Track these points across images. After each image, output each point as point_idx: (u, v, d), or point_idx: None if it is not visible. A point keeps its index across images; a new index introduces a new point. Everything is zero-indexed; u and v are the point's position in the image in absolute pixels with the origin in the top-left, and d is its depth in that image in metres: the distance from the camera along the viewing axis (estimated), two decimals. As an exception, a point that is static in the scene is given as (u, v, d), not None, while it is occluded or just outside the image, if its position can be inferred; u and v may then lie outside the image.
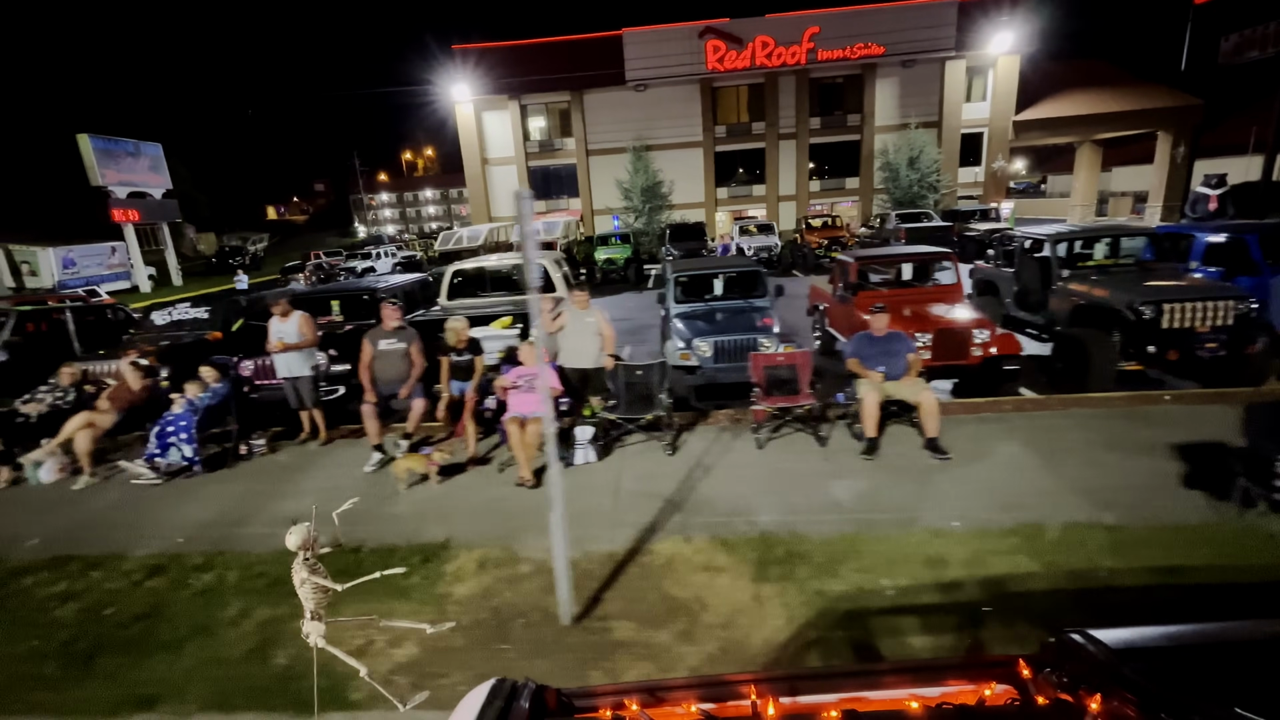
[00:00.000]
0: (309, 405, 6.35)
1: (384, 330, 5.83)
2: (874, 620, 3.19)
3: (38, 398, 6.31)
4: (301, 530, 2.08)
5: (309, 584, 2.07)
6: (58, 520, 4.98)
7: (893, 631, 3.12)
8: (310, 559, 2.08)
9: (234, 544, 4.40)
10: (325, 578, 2.06)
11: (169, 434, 5.67)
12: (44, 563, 4.25)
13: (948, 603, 3.29)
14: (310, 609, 2.09)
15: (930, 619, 3.18)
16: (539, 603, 3.52)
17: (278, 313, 6.19)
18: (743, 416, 6.14)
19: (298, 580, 2.06)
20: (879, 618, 3.21)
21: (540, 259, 8.90)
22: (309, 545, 2.05)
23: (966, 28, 24.69)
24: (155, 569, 4.11)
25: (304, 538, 2.05)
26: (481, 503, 4.88)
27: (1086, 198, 31.54)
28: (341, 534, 3.42)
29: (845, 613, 3.24)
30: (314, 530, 2.07)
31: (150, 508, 5.16)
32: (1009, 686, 1.25)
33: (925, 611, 3.23)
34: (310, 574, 2.06)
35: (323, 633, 2.09)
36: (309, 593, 2.08)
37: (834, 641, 3.07)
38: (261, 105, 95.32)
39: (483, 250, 21.98)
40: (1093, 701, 1.10)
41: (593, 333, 5.94)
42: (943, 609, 3.25)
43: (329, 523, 1.88)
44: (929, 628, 3.12)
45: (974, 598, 3.29)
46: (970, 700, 1.23)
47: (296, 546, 2.05)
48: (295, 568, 2.09)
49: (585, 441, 5.47)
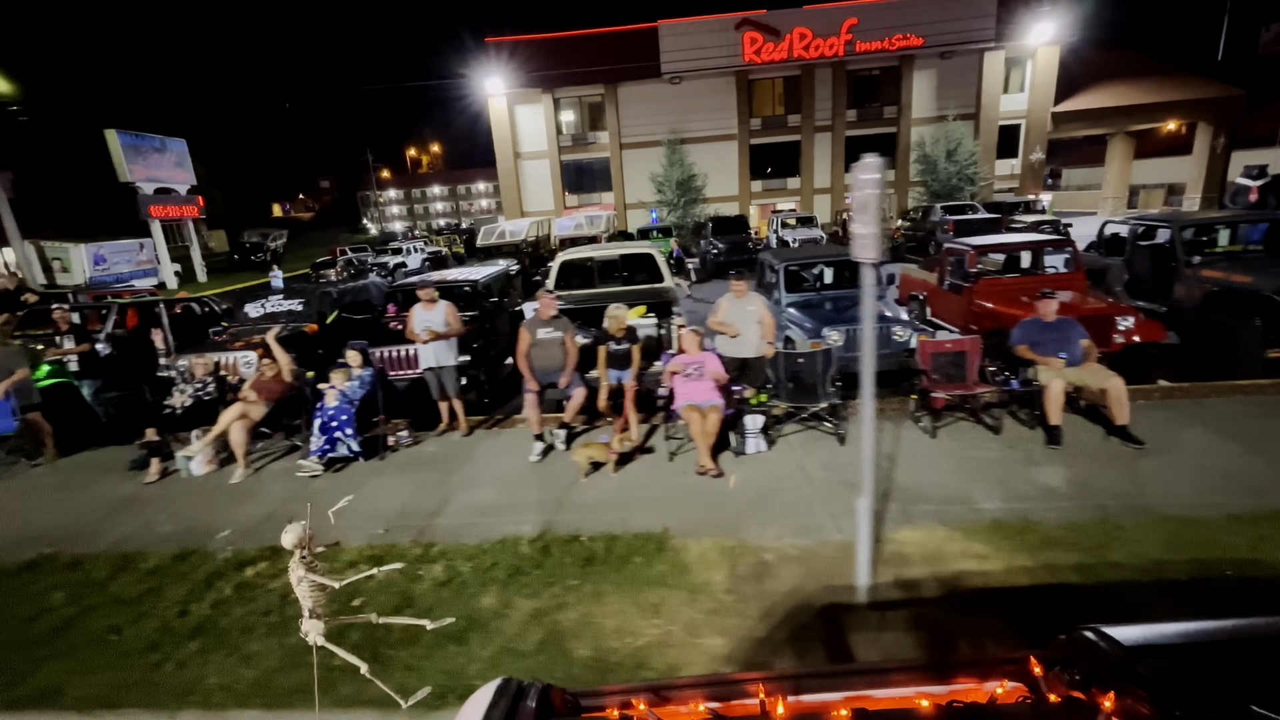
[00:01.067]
0: (452, 395, 6.27)
1: (541, 319, 5.74)
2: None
3: (179, 388, 6.22)
4: (297, 528, 1.98)
5: (306, 582, 2.00)
6: (242, 512, 4.90)
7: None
8: (307, 557, 2.01)
9: (441, 534, 4.32)
10: (323, 575, 1.99)
11: (333, 427, 5.58)
12: (261, 553, 4.17)
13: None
14: (308, 607, 2.02)
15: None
16: (819, 588, 3.42)
17: (424, 299, 6.10)
18: (886, 406, 6.06)
19: (294, 579, 2.00)
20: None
21: (649, 249, 8.84)
22: (304, 543, 1.98)
23: (1006, 18, 24.48)
24: (375, 558, 4.03)
25: (299, 536, 1.97)
26: (670, 491, 4.78)
27: (1118, 190, 31.34)
28: (339, 532, 3.39)
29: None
30: (309, 528, 1.98)
31: (327, 500, 5.07)
32: (1020, 684, 1.22)
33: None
34: (308, 572, 2.00)
35: (322, 631, 2.03)
36: (306, 591, 2.01)
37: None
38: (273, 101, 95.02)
39: (524, 245, 21.86)
40: (1106, 699, 1.07)
41: (753, 320, 5.86)
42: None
43: (324, 520, 1.83)
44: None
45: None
46: (981, 698, 1.20)
47: (292, 545, 1.97)
48: (292, 566, 2.02)
49: (756, 430, 5.38)
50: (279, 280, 24.61)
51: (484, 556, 3.96)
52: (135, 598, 3.77)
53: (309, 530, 2.00)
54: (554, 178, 28.13)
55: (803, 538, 3.97)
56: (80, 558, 4.31)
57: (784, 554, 3.79)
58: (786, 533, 4.03)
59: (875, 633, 3.10)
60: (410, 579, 3.79)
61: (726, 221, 21.62)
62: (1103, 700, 1.08)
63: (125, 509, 5.15)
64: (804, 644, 3.04)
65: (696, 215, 26.15)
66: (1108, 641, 1.16)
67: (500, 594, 3.55)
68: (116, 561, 4.22)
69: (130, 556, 4.27)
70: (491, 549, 4.04)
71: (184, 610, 3.61)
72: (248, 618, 3.54)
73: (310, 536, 2.02)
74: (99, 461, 6.38)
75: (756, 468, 5.10)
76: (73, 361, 7.35)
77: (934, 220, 21.33)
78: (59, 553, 4.43)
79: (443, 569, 3.88)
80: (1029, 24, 24.52)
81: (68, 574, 4.13)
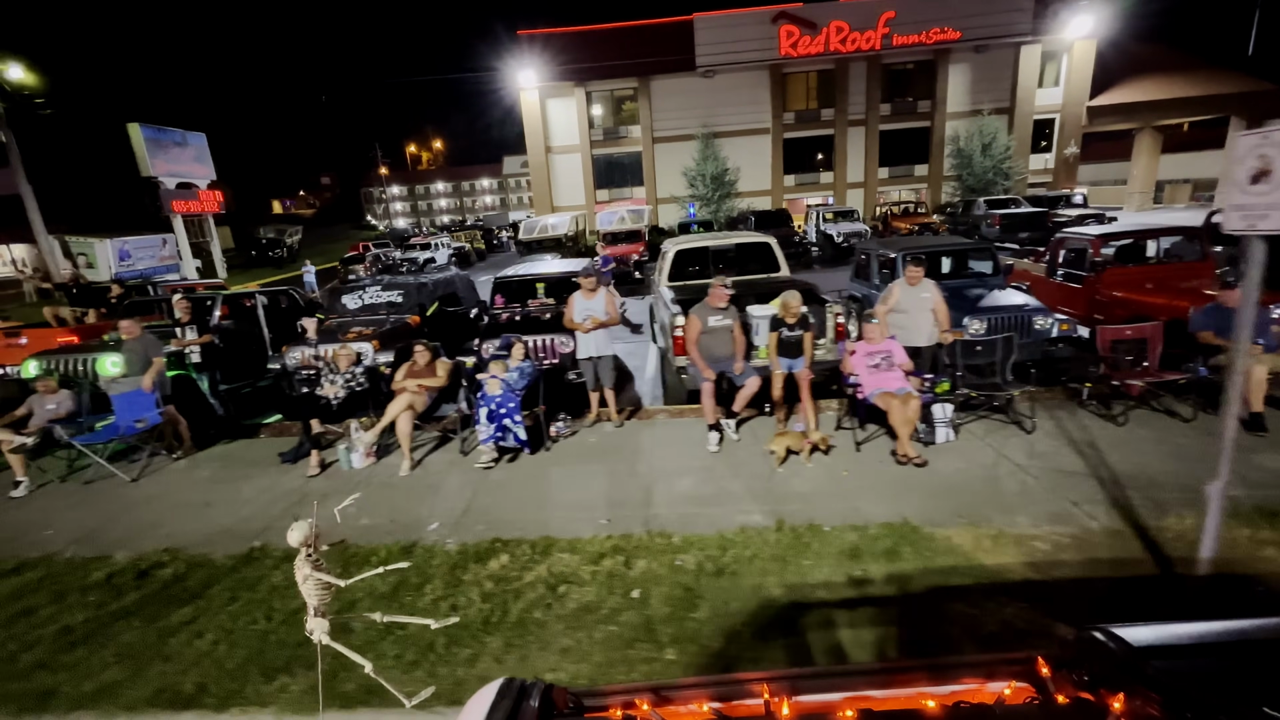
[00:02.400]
0: (607, 385, 6.12)
1: (711, 306, 5.60)
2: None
3: (329, 379, 6.06)
4: (303, 527, 2.03)
5: (312, 580, 2.03)
6: (437, 505, 4.74)
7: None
8: (313, 555, 2.03)
9: (670, 524, 4.17)
10: (328, 574, 2.05)
11: (501, 414, 5.43)
12: (492, 546, 4.02)
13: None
14: (314, 605, 2.06)
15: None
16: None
17: (586, 288, 5.95)
18: (1044, 395, 5.96)
19: (300, 577, 2.04)
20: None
21: (765, 238, 8.70)
22: (310, 542, 2.02)
23: (1043, 11, 24.41)
24: (619, 549, 3.89)
25: (305, 534, 2.02)
26: (878, 481, 4.65)
27: (1145, 185, 31.34)
28: (345, 530, 3.23)
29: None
30: (316, 527, 2.04)
31: (517, 489, 4.93)
32: (1027, 685, 1.21)
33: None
34: (313, 570, 2.03)
35: (326, 629, 2.06)
36: (312, 589, 2.05)
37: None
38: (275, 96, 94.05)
39: (566, 239, 21.68)
40: (1115, 700, 1.06)
41: (927, 309, 5.74)
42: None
43: (330, 519, 1.80)
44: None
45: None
46: (988, 699, 1.19)
47: (298, 543, 2.02)
48: (297, 564, 2.06)
49: (946, 419, 5.26)
50: (311, 275, 24.42)
51: (737, 547, 3.82)
52: (390, 591, 3.62)
53: (315, 529, 2.05)
54: (585, 172, 27.93)
55: (1061, 525, 3.85)
56: (291, 554, 4.13)
57: (1057, 542, 3.67)
58: (1040, 521, 3.91)
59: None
60: (670, 568, 3.66)
61: (768, 216, 21.57)
62: (1112, 701, 1.06)
63: (304, 502, 4.99)
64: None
65: (729, 210, 26.04)
66: (1116, 642, 1.14)
67: (793, 584, 3.42)
68: (337, 555, 4.07)
69: (353, 550, 4.12)
70: (739, 539, 3.91)
71: (453, 604, 3.46)
72: (536, 610, 3.38)
73: (316, 535, 2.07)
74: (238, 455, 6.22)
75: (954, 457, 4.98)
76: (194, 353, 7.16)
77: (976, 214, 21.29)
78: (267, 545, 4.28)
79: (696, 559, 3.74)
80: (1066, 17, 24.47)
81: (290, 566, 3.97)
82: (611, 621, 3.24)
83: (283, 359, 7.48)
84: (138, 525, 4.76)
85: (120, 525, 4.78)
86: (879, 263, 8.70)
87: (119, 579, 3.99)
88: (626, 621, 3.23)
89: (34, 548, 4.47)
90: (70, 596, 3.83)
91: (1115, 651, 1.13)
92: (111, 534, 4.64)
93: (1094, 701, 1.12)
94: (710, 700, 1.23)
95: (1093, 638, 1.18)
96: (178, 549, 4.29)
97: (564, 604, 3.41)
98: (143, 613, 3.62)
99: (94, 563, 4.20)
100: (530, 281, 8.73)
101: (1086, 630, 1.20)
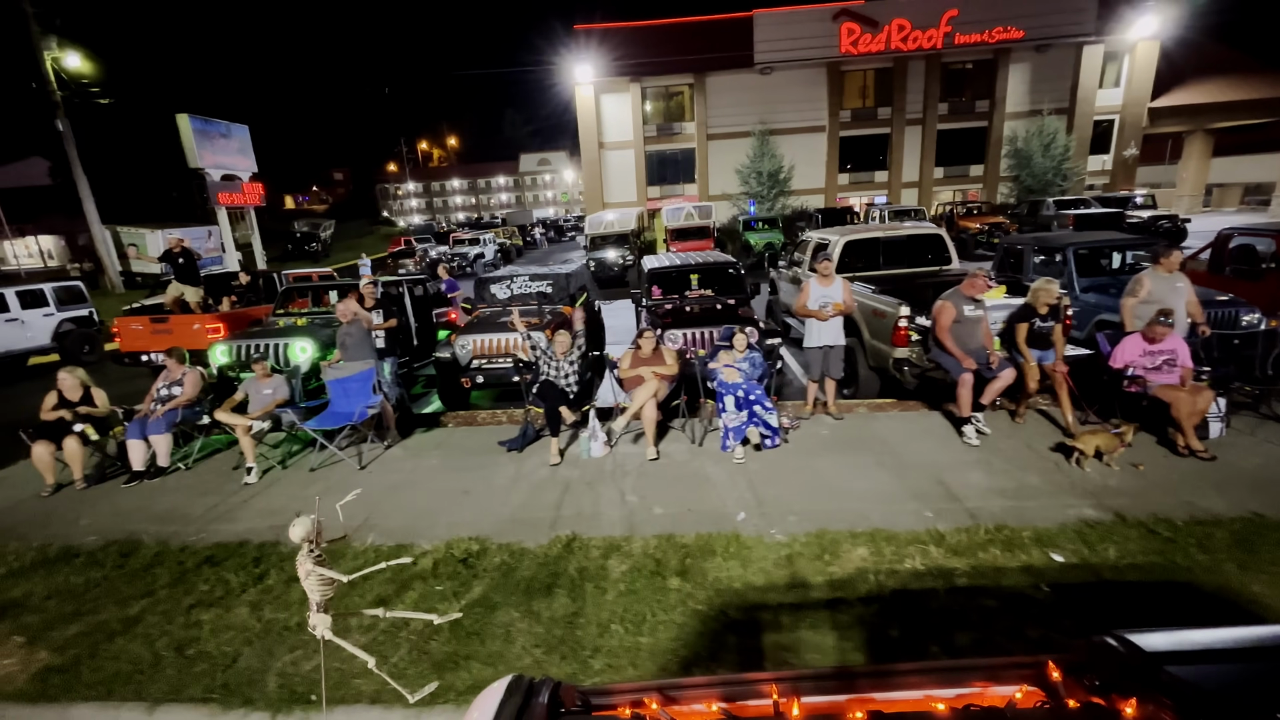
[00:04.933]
0: (836, 376, 5.97)
1: (965, 295, 5.44)
2: None
3: (555, 366, 5.89)
4: (305, 522, 2.06)
5: (314, 576, 2.05)
6: (726, 492, 4.59)
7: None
8: (316, 551, 2.04)
9: (1003, 517, 4.01)
10: (331, 569, 2.05)
11: (750, 401, 5.28)
12: (832, 539, 3.86)
13: None
14: (316, 601, 2.07)
15: None
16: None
17: (822, 274, 5.80)
18: None
19: (303, 573, 2.05)
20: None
21: (937, 230, 8.55)
22: (313, 537, 2.04)
23: (1106, 11, 24.21)
24: (988, 543, 3.73)
25: (308, 530, 2.04)
26: (1178, 475, 4.49)
27: (1195, 188, 31.12)
28: (349, 528, 3.14)
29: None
30: (319, 522, 2.06)
31: (793, 480, 4.76)
32: (1037, 689, 1.20)
33: None
34: (315, 566, 2.05)
35: (329, 625, 2.10)
36: (314, 585, 2.06)
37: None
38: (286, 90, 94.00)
39: (632, 235, 21.55)
40: (1127, 706, 1.06)
41: (1183, 299, 5.57)
42: None
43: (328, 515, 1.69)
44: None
45: None
46: (998, 702, 1.19)
47: (300, 539, 2.05)
48: (300, 560, 2.07)
49: (1219, 414, 5.09)
50: (367, 268, 24.29)
51: (1104, 543, 3.66)
52: (765, 585, 3.46)
53: (319, 524, 2.09)
54: (638, 168, 27.78)
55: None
56: (612, 543, 3.99)
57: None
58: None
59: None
60: (1042, 561, 3.50)
61: (832, 213, 21.43)
62: (1124, 707, 1.06)
63: (568, 491, 4.83)
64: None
65: (782, 207, 25.87)
66: (1129, 648, 1.13)
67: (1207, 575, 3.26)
68: (661, 545, 3.91)
69: (666, 539, 3.96)
70: (1100, 533, 3.75)
71: (872, 600, 3.30)
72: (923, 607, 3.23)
73: (319, 531, 2.11)
74: (450, 443, 6.07)
75: (1238, 452, 4.81)
76: (380, 338, 7.01)
77: (1046, 214, 21.10)
78: (577, 536, 4.11)
79: (1081, 553, 3.58)
80: (1130, 17, 24.26)
81: (624, 559, 3.83)
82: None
83: (451, 348, 7.35)
84: (415, 513, 4.61)
85: (395, 513, 4.62)
86: (1039, 256, 8.61)
87: (482, 562, 3.84)
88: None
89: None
90: (440, 583, 3.67)
91: (1128, 657, 1.11)
92: (393, 521, 4.49)
93: (1105, 707, 1.10)
94: (718, 700, 1.23)
95: (1105, 643, 1.17)
96: (483, 538, 4.14)
97: (990, 599, 3.25)
98: (557, 603, 3.46)
99: (403, 549, 4.05)
100: (685, 272, 8.59)
101: (1099, 635, 1.19)
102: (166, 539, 4.36)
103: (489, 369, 7.20)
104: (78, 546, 4.30)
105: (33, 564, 4.09)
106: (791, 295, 9.96)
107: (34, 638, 3.30)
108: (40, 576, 3.93)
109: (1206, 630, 1.17)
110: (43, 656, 3.13)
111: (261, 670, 2.95)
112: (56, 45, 22.89)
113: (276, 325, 7.74)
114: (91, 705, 2.79)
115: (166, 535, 4.42)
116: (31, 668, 3.04)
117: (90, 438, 5.45)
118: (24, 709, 2.81)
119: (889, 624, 3.09)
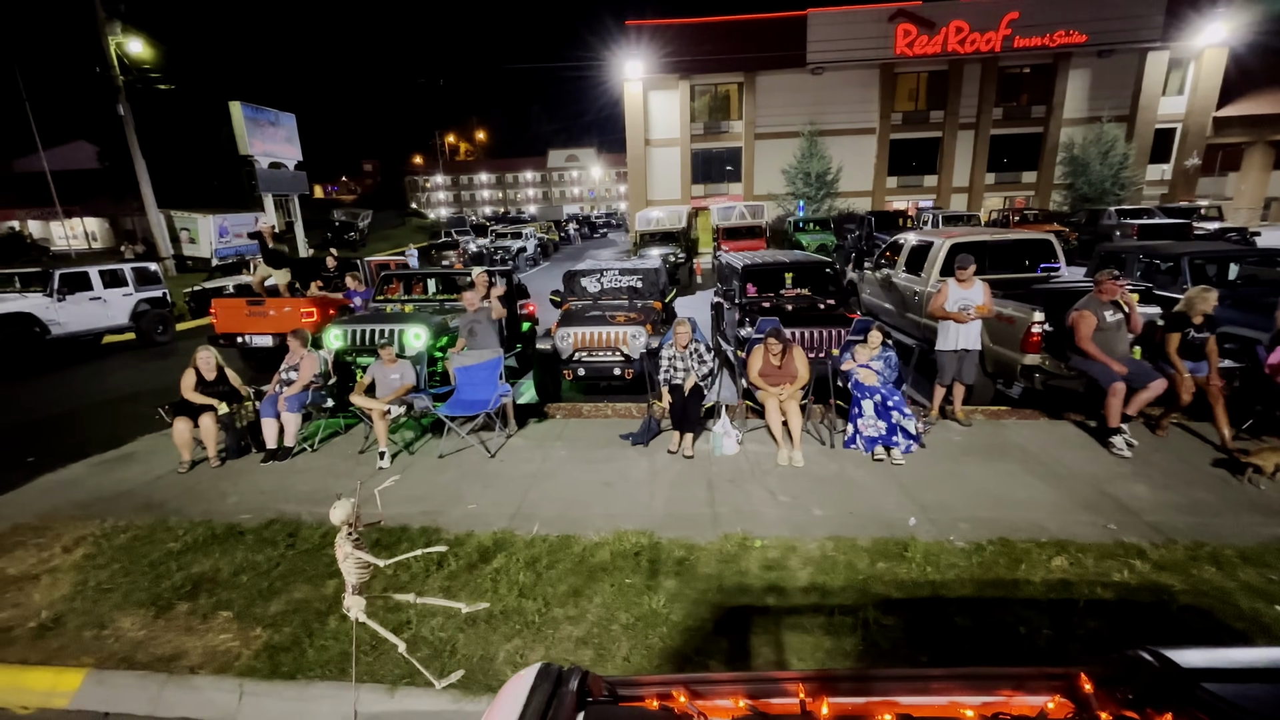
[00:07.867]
0: (970, 381, 5.85)
1: (1103, 301, 5.29)
2: None
3: (683, 364, 5.84)
4: (345, 505, 2.10)
5: (351, 559, 2.13)
6: (881, 498, 4.50)
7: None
8: (354, 534, 2.12)
9: (1188, 531, 3.88)
10: (368, 553, 2.15)
11: (890, 407, 5.18)
12: (1023, 548, 3.75)
13: None
14: (352, 583, 2.15)
15: None
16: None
17: (962, 276, 5.68)
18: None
19: (340, 555, 2.13)
20: None
21: (1045, 236, 8.36)
22: (352, 521, 2.11)
23: (1174, 18, 23.57)
24: (1190, 558, 3.60)
25: (348, 513, 2.11)
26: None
27: (1253, 200, 30.26)
28: (383, 514, 3.10)
29: None
30: (358, 506, 2.15)
31: (948, 485, 4.65)
32: (1067, 700, 1.18)
33: None
34: (354, 549, 2.12)
35: (363, 607, 2.17)
36: (351, 568, 2.14)
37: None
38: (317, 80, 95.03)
39: (680, 233, 21.42)
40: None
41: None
42: None
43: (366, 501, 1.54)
44: None
45: None
46: (1029, 712, 1.17)
47: (340, 521, 2.12)
48: (338, 542, 2.14)
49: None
50: (414, 259, 24.51)
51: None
52: (973, 593, 3.37)
53: (357, 508, 2.17)
54: (683, 166, 27.67)
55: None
56: (786, 543, 3.92)
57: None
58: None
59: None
60: (1260, 582, 3.36)
61: (887, 217, 21.15)
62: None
63: (713, 488, 4.77)
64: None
65: (829, 209, 25.61)
66: (1165, 663, 1.12)
67: None
68: (840, 547, 3.84)
69: (838, 541, 3.89)
70: None
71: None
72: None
73: (358, 515, 2.18)
74: (570, 435, 6.04)
75: None
76: (491, 328, 7.00)
77: (1107, 223, 20.63)
78: (746, 536, 4.05)
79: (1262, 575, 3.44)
80: (1199, 24, 23.60)
81: (806, 560, 3.75)
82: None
83: (552, 340, 7.33)
84: (565, 503, 4.58)
85: (545, 503, 4.60)
86: (1146, 264, 8.41)
87: (659, 556, 3.79)
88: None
89: (475, 522, 4.31)
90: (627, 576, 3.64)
91: (1164, 672, 1.10)
92: (547, 511, 4.46)
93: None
94: (744, 696, 1.23)
95: (1140, 657, 1.15)
96: (647, 531, 4.09)
97: (1230, 619, 3.12)
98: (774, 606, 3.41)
99: (571, 540, 4.02)
100: (780, 270, 8.50)
101: (1133, 650, 1.18)
102: (322, 520, 4.38)
103: (590, 361, 7.17)
104: (239, 524, 4.34)
105: (204, 539, 4.12)
106: (879, 296, 9.82)
107: (240, 614, 3.32)
108: (218, 552, 3.96)
109: (1246, 649, 1.22)
110: (259, 634, 3.13)
111: (488, 659, 2.93)
112: (120, 30, 23.32)
113: (385, 311, 7.78)
114: (328, 684, 2.78)
115: (321, 516, 4.44)
116: (253, 645, 3.05)
117: (226, 414, 5.51)
118: (259, 684, 2.82)
119: (1134, 634, 2.98)
